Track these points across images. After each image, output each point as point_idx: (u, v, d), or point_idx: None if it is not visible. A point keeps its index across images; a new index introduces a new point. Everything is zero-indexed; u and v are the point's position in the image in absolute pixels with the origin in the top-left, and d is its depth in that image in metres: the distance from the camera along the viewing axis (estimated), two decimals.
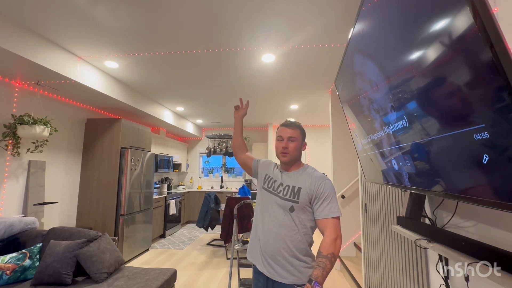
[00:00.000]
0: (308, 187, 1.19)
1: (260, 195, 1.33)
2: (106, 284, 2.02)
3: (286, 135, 1.27)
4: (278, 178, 1.29)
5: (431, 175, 0.89)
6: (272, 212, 1.24)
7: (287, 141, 1.26)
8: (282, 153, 1.27)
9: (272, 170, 1.35)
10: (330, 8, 1.88)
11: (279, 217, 1.21)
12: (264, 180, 1.33)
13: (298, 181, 1.23)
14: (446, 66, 0.69)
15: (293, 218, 1.19)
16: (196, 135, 6.54)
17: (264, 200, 1.29)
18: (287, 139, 1.26)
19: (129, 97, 3.59)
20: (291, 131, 1.27)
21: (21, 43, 2.08)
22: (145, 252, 4.09)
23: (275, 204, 1.24)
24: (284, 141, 1.26)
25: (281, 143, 1.27)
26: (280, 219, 1.21)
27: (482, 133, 0.60)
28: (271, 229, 1.22)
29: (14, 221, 2.31)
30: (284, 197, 1.22)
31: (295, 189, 1.21)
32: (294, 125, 1.30)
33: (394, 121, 1.05)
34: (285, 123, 1.32)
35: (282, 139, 1.27)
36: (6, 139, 2.53)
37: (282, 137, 1.28)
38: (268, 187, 1.29)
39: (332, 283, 3.04)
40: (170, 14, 1.95)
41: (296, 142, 1.27)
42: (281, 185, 1.26)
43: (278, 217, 1.21)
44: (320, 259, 1.06)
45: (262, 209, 1.28)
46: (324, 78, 3.25)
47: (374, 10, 1.09)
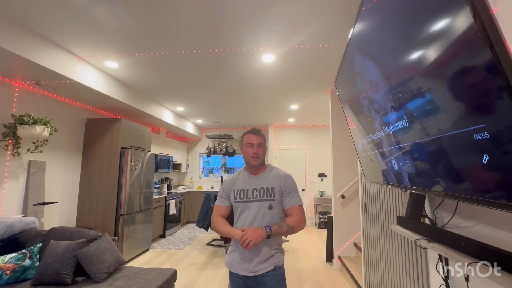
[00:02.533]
0: (278, 185, 1.41)
1: (236, 210, 1.44)
2: (106, 284, 2.02)
3: (256, 141, 1.43)
4: (248, 185, 1.42)
5: (431, 175, 0.89)
6: (256, 217, 1.36)
7: (257, 147, 1.42)
8: (254, 158, 1.41)
9: (235, 183, 1.45)
10: (330, 8, 1.88)
11: (264, 218, 1.36)
12: (234, 196, 1.43)
13: (269, 182, 1.42)
14: (446, 66, 0.69)
15: (273, 213, 1.38)
16: (196, 135, 6.55)
17: (243, 211, 1.39)
18: (256, 145, 1.42)
19: (129, 97, 3.59)
20: (260, 138, 1.45)
21: (21, 43, 2.08)
22: (145, 252, 4.09)
23: (255, 209, 1.37)
24: (254, 147, 1.42)
25: (252, 149, 1.42)
26: (265, 220, 1.36)
27: (482, 133, 0.60)
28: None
29: (14, 221, 2.31)
30: (262, 199, 1.38)
31: (270, 189, 1.40)
32: (261, 133, 1.48)
33: (394, 121, 1.05)
34: (253, 131, 1.48)
35: (252, 145, 1.42)
36: (6, 139, 2.53)
37: (252, 144, 1.42)
38: (241, 199, 1.40)
39: (332, 283, 3.04)
40: (170, 14, 1.95)
41: (263, 147, 1.45)
42: (255, 190, 1.40)
43: (262, 218, 1.36)
44: (282, 223, 1.34)
45: (245, 220, 1.38)
46: (324, 78, 3.25)
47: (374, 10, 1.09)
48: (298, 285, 2.99)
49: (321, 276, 3.24)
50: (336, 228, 3.58)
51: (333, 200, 3.68)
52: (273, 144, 6.41)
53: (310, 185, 6.37)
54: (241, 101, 4.32)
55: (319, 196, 6.21)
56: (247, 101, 4.35)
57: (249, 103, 4.47)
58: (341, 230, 3.57)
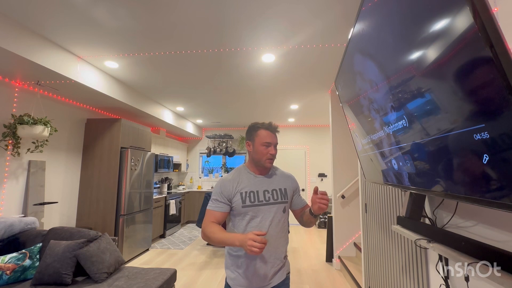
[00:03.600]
0: (290, 186, 1.29)
1: (244, 216, 1.18)
2: (106, 284, 2.02)
3: (274, 141, 1.25)
4: (257, 186, 1.22)
5: (431, 175, 0.89)
6: (272, 222, 1.19)
7: (274, 148, 1.24)
8: (270, 160, 1.23)
9: (240, 184, 1.21)
10: (330, 8, 1.88)
11: (279, 223, 1.21)
12: (243, 199, 1.18)
13: (280, 183, 1.27)
14: (446, 66, 0.69)
15: (286, 217, 1.25)
16: (196, 135, 6.54)
17: (255, 216, 1.18)
18: (274, 145, 1.25)
19: (129, 97, 3.58)
20: (276, 138, 1.27)
21: (21, 43, 2.08)
22: (145, 252, 4.09)
23: (270, 213, 1.19)
24: (272, 147, 1.23)
25: (269, 149, 1.22)
26: (280, 224, 1.21)
27: (482, 133, 0.60)
28: (277, 240, 1.20)
29: (14, 221, 2.31)
30: (276, 201, 1.22)
31: (283, 190, 1.25)
32: (278, 131, 1.29)
33: (394, 121, 1.05)
34: (271, 128, 1.26)
35: (270, 145, 1.23)
36: (6, 139, 2.53)
37: (270, 143, 1.23)
38: (252, 202, 1.19)
39: (332, 283, 3.04)
40: (170, 14, 1.95)
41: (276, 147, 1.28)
42: (266, 192, 1.22)
43: (278, 223, 1.21)
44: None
45: (259, 227, 1.17)
46: (324, 78, 3.25)
47: (374, 10, 1.09)
48: (298, 285, 2.99)
49: (321, 276, 3.24)
50: (336, 228, 3.58)
51: (333, 200, 3.68)
52: None
53: (310, 185, 6.36)
54: (241, 101, 4.32)
55: None
56: (247, 101, 4.35)
57: (249, 103, 4.47)
58: (341, 230, 3.57)
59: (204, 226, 1.19)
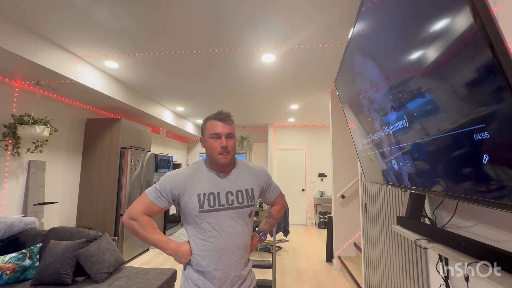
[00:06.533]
0: (257, 184, 1.11)
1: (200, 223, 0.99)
2: (106, 284, 2.02)
3: (223, 131, 1.03)
4: (218, 187, 1.03)
5: (431, 175, 0.89)
6: (238, 230, 1.02)
7: (226, 139, 1.02)
8: (223, 154, 1.01)
9: (197, 184, 1.02)
10: (330, 8, 1.88)
11: (239, 232, 1.02)
12: (201, 204, 0.99)
13: (246, 182, 1.08)
14: (446, 66, 0.69)
15: (248, 223, 1.07)
16: (196, 135, 6.54)
17: (217, 223, 0.99)
18: (225, 136, 1.03)
19: (129, 97, 3.58)
20: (228, 126, 1.04)
21: (21, 43, 2.08)
22: (145, 252, 4.09)
23: (233, 219, 1.01)
24: (222, 139, 1.02)
25: (218, 142, 1.02)
26: (241, 234, 1.03)
27: (482, 133, 0.60)
28: (234, 251, 1.01)
29: (14, 221, 2.31)
30: (242, 205, 1.03)
31: (249, 191, 1.07)
32: (229, 119, 1.06)
33: (394, 121, 1.05)
34: (218, 116, 1.05)
35: (219, 136, 1.02)
36: (6, 139, 2.53)
37: (219, 134, 1.02)
38: (211, 207, 0.99)
39: (332, 283, 3.04)
40: (170, 14, 1.95)
41: (234, 138, 1.06)
42: (229, 194, 1.03)
43: (238, 233, 1.02)
44: (270, 219, 1.23)
45: (222, 237, 0.99)
46: (324, 78, 3.25)
47: (374, 10, 1.09)
48: (298, 285, 2.99)
49: (321, 276, 3.24)
50: (336, 228, 3.58)
51: (333, 200, 3.68)
52: (273, 144, 6.41)
53: (310, 185, 6.36)
54: (241, 101, 4.32)
55: (319, 196, 6.21)
56: (247, 101, 4.35)
57: (249, 103, 4.47)
58: (341, 230, 3.57)
59: (135, 214, 1.00)
